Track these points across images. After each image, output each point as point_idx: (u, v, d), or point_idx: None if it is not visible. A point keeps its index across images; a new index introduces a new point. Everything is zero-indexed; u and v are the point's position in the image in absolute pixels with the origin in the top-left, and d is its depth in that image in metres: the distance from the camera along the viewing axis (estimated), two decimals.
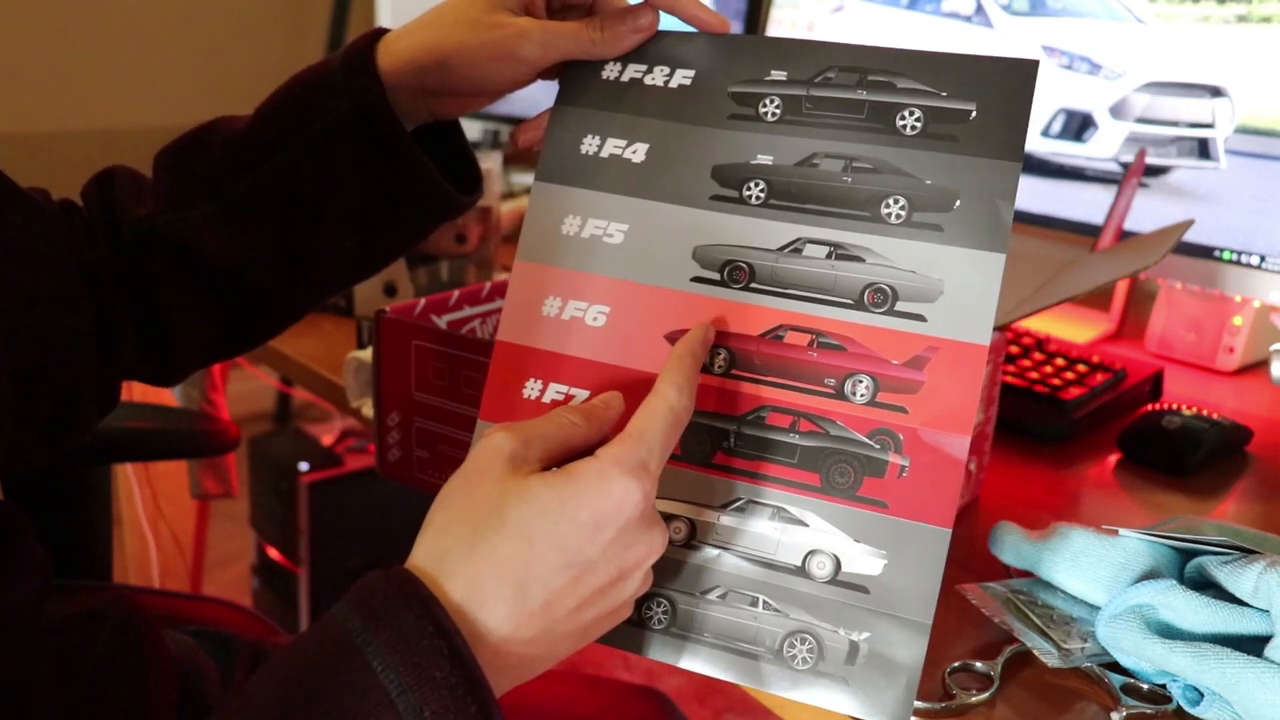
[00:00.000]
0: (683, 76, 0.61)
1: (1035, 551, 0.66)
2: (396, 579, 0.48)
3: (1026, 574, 0.68)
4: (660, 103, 0.61)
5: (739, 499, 0.55)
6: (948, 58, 0.56)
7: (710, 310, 0.57)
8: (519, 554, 0.48)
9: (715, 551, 0.56)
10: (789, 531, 0.54)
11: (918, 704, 0.57)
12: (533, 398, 0.59)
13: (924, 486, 0.53)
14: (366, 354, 0.89)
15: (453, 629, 0.46)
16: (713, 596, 0.56)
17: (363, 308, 1.06)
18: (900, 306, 0.54)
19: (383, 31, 0.66)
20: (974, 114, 0.55)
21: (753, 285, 0.57)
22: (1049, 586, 0.66)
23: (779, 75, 0.59)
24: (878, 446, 0.54)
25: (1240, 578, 0.58)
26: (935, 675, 0.60)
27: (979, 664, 0.60)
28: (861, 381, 0.54)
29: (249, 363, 1.63)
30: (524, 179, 1.69)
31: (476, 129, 1.74)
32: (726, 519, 0.56)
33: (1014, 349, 1.00)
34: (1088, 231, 1.07)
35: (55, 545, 1.00)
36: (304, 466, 1.60)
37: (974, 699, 0.58)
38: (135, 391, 1.27)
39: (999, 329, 0.79)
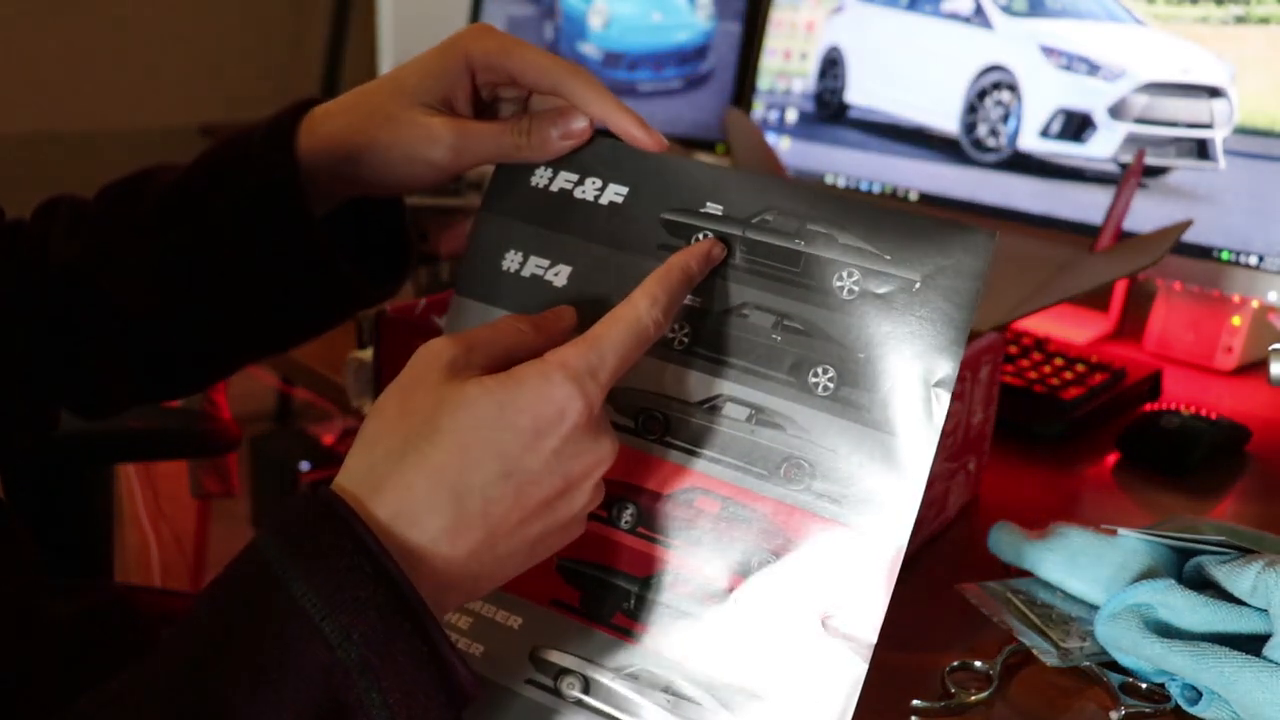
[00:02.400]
0: (614, 193, 0.56)
1: (1034, 551, 0.67)
2: (316, 500, 0.46)
3: (1025, 573, 0.68)
4: (588, 220, 0.56)
5: (632, 665, 0.53)
6: (895, 218, 0.51)
7: (623, 459, 0.50)
8: (453, 463, 0.46)
9: (608, 710, 0.53)
10: (681, 707, 0.51)
11: (917, 703, 0.57)
12: None
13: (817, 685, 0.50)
14: (367, 354, 0.90)
15: (376, 547, 0.44)
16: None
17: None
18: (817, 486, 0.50)
19: (315, 102, 0.63)
20: (918, 286, 0.50)
21: (667, 439, 0.53)
22: (1048, 586, 0.66)
23: (715, 209, 0.54)
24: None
25: (1238, 577, 0.58)
26: (934, 675, 0.60)
27: (978, 663, 0.60)
28: (767, 561, 0.51)
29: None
30: None
31: None
32: (618, 685, 0.52)
33: (1013, 349, 1.01)
34: (1087, 232, 1.07)
35: (56, 544, 1.00)
36: (305, 466, 1.60)
37: (973, 698, 0.58)
38: None
39: (998, 329, 0.79)
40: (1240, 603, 0.58)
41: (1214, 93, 1.02)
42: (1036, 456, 0.89)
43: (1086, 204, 1.09)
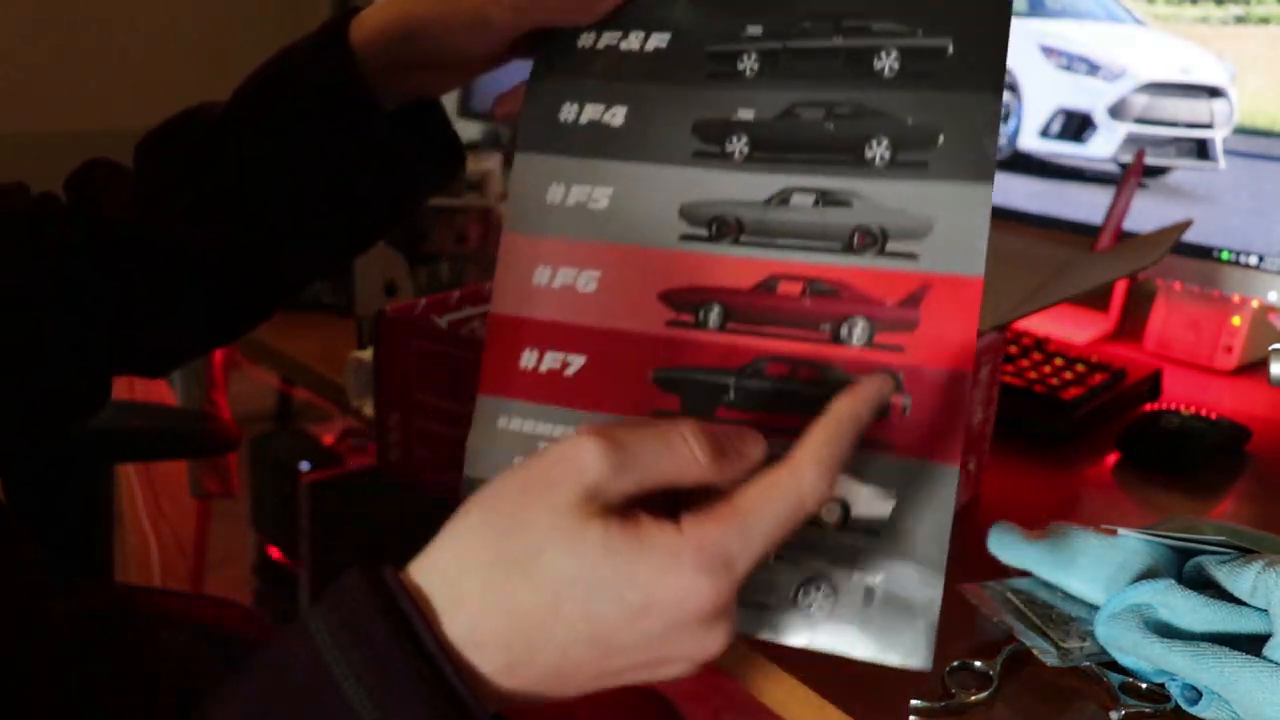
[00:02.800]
0: (658, 40, 0.60)
1: (1034, 551, 0.66)
2: (387, 597, 0.42)
3: (1025, 573, 0.68)
4: (637, 66, 0.60)
5: None
6: None
7: (702, 266, 0.56)
8: (540, 612, 0.41)
9: None
10: None
11: (916, 703, 0.57)
12: (530, 367, 0.58)
13: (928, 424, 0.52)
14: (367, 354, 0.90)
15: (449, 668, 0.41)
16: None
17: (363, 308, 1.06)
18: (891, 246, 0.54)
19: (356, 10, 0.65)
20: (950, 49, 0.54)
21: (742, 239, 0.56)
22: (1048, 586, 0.66)
23: (754, 30, 0.58)
24: None
25: (1239, 577, 0.58)
26: (934, 675, 0.60)
27: (978, 663, 0.60)
28: (857, 324, 0.54)
29: (249, 362, 1.63)
30: None
31: (477, 130, 1.74)
32: None
33: (1013, 349, 1.01)
34: (1087, 231, 1.07)
35: (56, 545, 1.00)
36: (305, 466, 1.60)
37: (973, 698, 0.58)
38: (136, 391, 1.28)
39: (998, 329, 0.79)
40: (1240, 603, 0.58)
41: (1214, 93, 1.02)
42: (1036, 456, 0.89)
43: (1086, 204, 1.09)
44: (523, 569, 0.41)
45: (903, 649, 0.51)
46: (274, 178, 0.65)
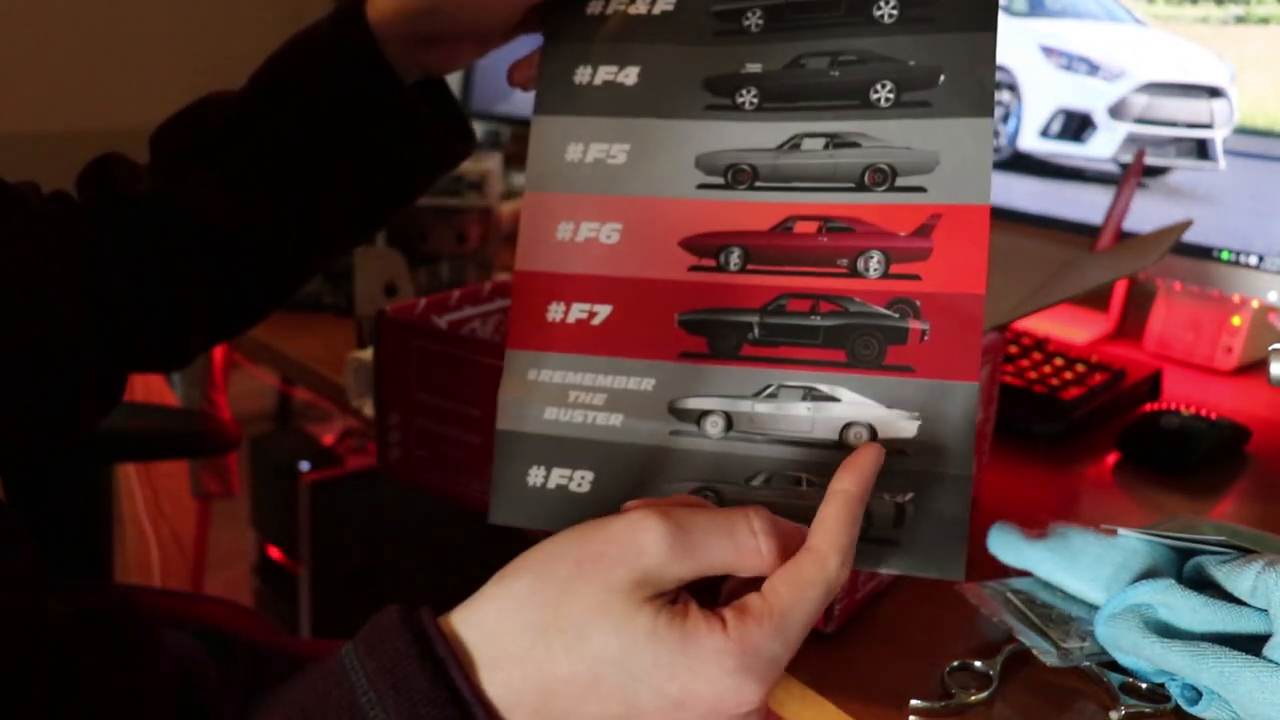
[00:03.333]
0: (665, 3, 0.62)
1: (1034, 551, 0.66)
2: (426, 643, 0.42)
3: (1025, 574, 0.68)
4: (646, 28, 0.62)
5: (770, 386, 0.57)
6: None
7: (720, 213, 0.58)
8: (576, 688, 0.41)
9: (754, 440, 0.56)
10: (822, 409, 0.55)
11: (916, 703, 0.57)
12: (557, 320, 0.60)
13: (946, 346, 0.54)
14: (367, 354, 0.90)
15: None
16: (757, 482, 0.56)
17: (363, 308, 1.06)
18: (900, 182, 0.56)
19: None
20: None
21: (757, 184, 0.58)
22: (1048, 586, 0.66)
23: None
24: (897, 315, 0.55)
25: (1239, 577, 0.58)
26: (934, 675, 0.60)
27: (978, 663, 0.60)
28: (873, 257, 0.56)
29: (249, 362, 1.63)
30: (524, 179, 1.69)
31: (478, 130, 1.74)
32: (761, 406, 0.56)
33: (1013, 349, 1.01)
34: (1087, 232, 1.07)
35: (56, 545, 1.00)
36: (305, 466, 1.60)
37: (973, 698, 0.58)
38: (136, 391, 1.27)
39: (998, 329, 0.79)
40: (1240, 603, 0.58)
41: (1214, 93, 1.02)
42: (1036, 456, 0.89)
43: (1086, 204, 1.09)
44: (566, 642, 0.41)
45: (938, 562, 0.53)
46: (295, 155, 0.66)
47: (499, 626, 0.43)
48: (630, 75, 0.62)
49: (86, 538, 1.02)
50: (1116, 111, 1.09)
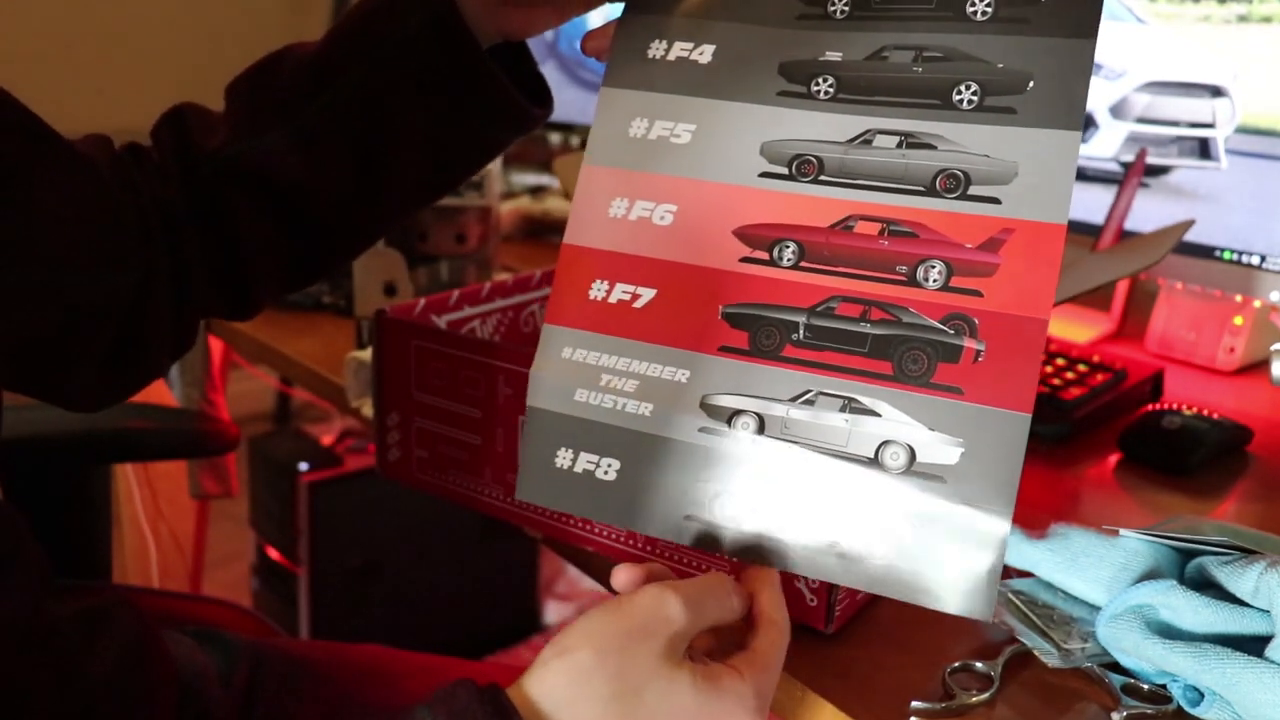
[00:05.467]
0: None
1: (1035, 551, 0.66)
2: (501, 709, 0.48)
3: (1026, 574, 0.67)
4: (727, 5, 0.60)
5: (809, 391, 0.54)
6: None
7: (779, 204, 0.56)
8: None
9: (785, 446, 0.54)
10: (860, 423, 0.53)
11: (917, 704, 0.57)
12: (599, 298, 0.59)
13: (1001, 371, 0.51)
14: (366, 354, 0.89)
15: None
16: None
17: (363, 308, 1.06)
18: (974, 190, 0.53)
19: None
20: None
21: (822, 178, 0.56)
22: (1049, 587, 0.66)
23: None
24: (952, 332, 0.52)
25: (1241, 578, 0.58)
26: (935, 675, 0.59)
27: (979, 664, 0.60)
28: (934, 267, 0.53)
29: (249, 362, 1.63)
30: (523, 179, 1.69)
31: None
32: (796, 412, 0.54)
33: None
34: (1088, 231, 1.07)
35: (55, 545, 1.00)
36: (304, 466, 1.60)
37: (974, 699, 0.58)
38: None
39: None
40: (1242, 604, 0.58)
41: (1216, 92, 1.02)
42: (1038, 457, 0.89)
43: (1088, 204, 1.09)
44: (629, 703, 0.49)
45: (964, 598, 0.50)
46: (367, 113, 0.66)
47: (571, 696, 0.49)
48: (705, 53, 0.60)
49: (85, 538, 1.02)
50: (1118, 110, 1.08)
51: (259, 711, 0.75)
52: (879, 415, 0.53)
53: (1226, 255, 1.01)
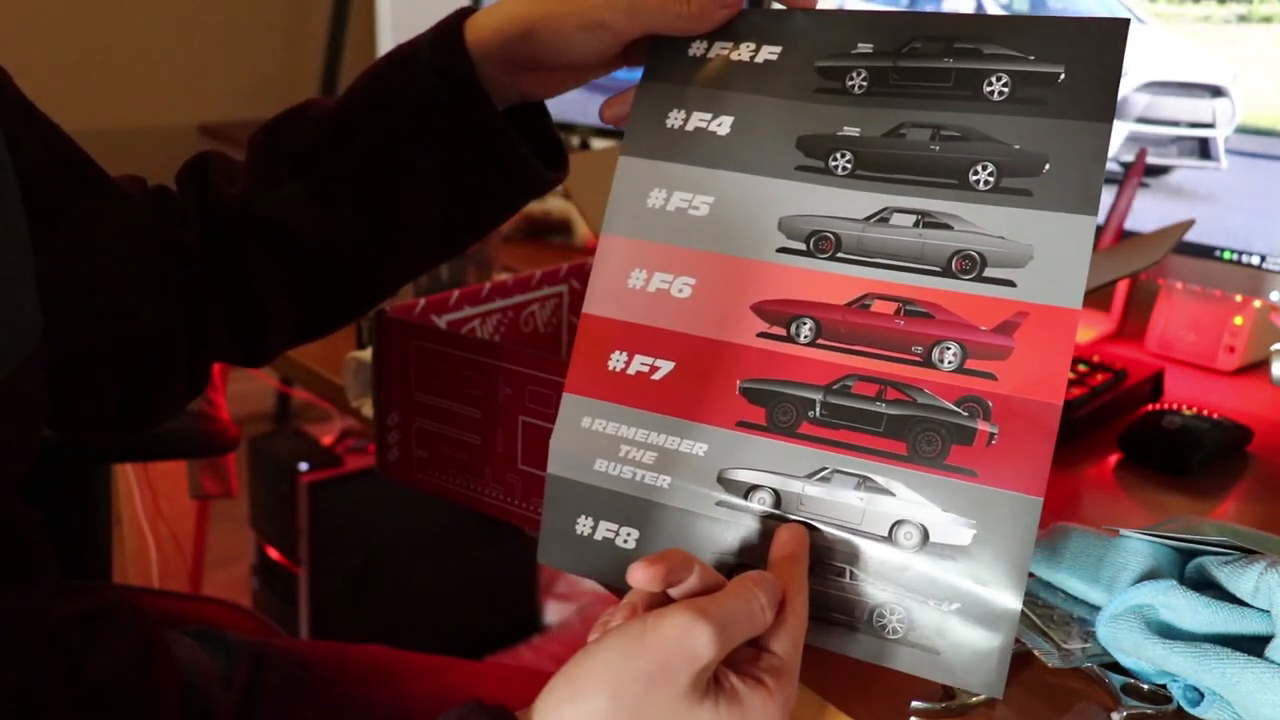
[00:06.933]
0: (769, 52, 0.60)
1: (1035, 552, 0.66)
2: None
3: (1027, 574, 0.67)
4: (746, 77, 0.60)
5: (824, 469, 0.55)
6: (1035, 21, 0.56)
7: (796, 280, 0.56)
8: None
9: (800, 522, 0.55)
10: (875, 501, 0.53)
11: (917, 704, 0.57)
12: (618, 369, 0.59)
13: (1014, 454, 0.52)
14: (366, 354, 0.89)
15: None
16: None
17: None
18: (989, 273, 0.54)
19: (470, 11, 0.66)
20: (1062, 76, 0.54)
21: (839, 255, 0.56)
22: (1049, 586, 0.66)
23: (865, 48, 0.58)
24: (966, 414, 0.53)
25: (1241, 578, 0.58)
26: None
27: None
28: (949, 348, 0.54)
29: None
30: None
31: None
32: (812, 489, 0.55)
33: None
34: None
35: (55, 545, 1.00)
36: (304, 466, 1.60)
37: (974, 699, 0.58)
38: None
39: None
40: (1242, 604, 0.58)
41: (1216, 92, 1.02)
42: None
43: None
44: None
45: (975, 677, 0.52)
46: (384, 170, 0.66)
47: None
48: (723, 125, 0.60)
49: (85, 538, 1.02)
50: (1118, 110, 1.08)
51: (260, 712, 0.75)
52: (893, 495, 0.53)
53: (1226, 255, 1.01)
